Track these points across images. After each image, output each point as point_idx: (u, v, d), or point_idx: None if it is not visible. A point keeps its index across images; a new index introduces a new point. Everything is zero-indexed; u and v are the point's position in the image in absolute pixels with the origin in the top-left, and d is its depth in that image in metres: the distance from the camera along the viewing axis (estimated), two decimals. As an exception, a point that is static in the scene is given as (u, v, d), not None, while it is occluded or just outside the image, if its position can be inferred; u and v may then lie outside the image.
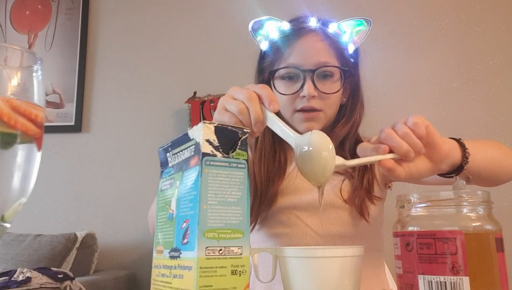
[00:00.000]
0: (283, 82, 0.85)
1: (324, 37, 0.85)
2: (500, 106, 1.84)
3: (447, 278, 0.41)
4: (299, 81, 0.83)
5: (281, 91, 0.85)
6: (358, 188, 0.84)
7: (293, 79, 0.85)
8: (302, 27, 0.87)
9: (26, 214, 2.06)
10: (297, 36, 0.86)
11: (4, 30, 2.33)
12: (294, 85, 0.84)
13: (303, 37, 0.85)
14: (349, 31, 0.89)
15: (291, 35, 0.87)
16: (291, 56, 0.84)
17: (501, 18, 1.91)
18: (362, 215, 0.83)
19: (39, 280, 1.18)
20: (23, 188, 0.36)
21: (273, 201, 0.84)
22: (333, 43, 0.86)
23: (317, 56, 0.83)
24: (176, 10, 2.20)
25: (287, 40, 0.86)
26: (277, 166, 0.87)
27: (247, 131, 0.45)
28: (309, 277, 0.50)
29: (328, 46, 0.85)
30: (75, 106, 2.18)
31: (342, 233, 0.83)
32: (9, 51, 0.37)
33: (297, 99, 0.84)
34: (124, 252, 2.00)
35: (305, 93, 0.81)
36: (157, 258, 0.47)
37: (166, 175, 0.50)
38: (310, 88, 0.81)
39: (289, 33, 0.87)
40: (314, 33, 0.86)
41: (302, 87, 0.82)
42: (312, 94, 0.81)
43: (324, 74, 0.84)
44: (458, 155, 0.62)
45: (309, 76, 0.82)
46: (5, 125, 0.34)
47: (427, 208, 0.45)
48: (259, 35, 0.91)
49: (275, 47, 0.88)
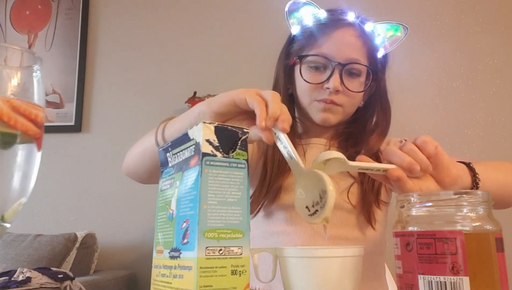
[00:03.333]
0: (309, 70, 0.84)
1: (361, 34, 0.84)
2: (500, 106, 1.84)
3: (447, 278, 0.41)
4: (326, 72, 0.82)
5: (306, 78, 0.83)
6: (368, 193, 0.83)
7: (319, 69, 0.83)
8: (341, 18, 0.84)
9: (26, 214, 2.06)
10: (334, 26, 0.83)
11: (4, 30, 2.33)
12: (321, 75, 0.82)
13: (340, 28, 0.83)
14: (383, 34, 0.88)
15: (327, 24, 0.84)
16: (324, 45, 0.82)
17: (501, 18, 1.91)
18: (370, 223, 0.83)
19: (39, 280, 1.18)
20: (23, 188, 0.36)
21: (276, 195, 0.84)
22: (367, 42, 0.84)
23: (350, 51, 0.82)
24: (176, 10, 2.20)
25: (323, 28, 0.84)
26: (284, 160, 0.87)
27: (247, 131, 0.45)
28: (309, 277, 0.50)
29: (363, 44, 0.84)
30: (75, 106, 2.18)
31: (345, 235, 0.82)
32: (9, 51, 0.37)
33: (320, 89, 0.82)
34: (124, 252, 2.00)
35: (330, 85, 0.80)
36: (157, 258, 0.47)
37: (166, 175, 0.50)
38: (336, 81, 0.80)
39: (326, 22, 0.85)
40: (352, 28, 0.84)
41: (328, 79, 0.81)
42: (337, 88, 0.80)
43: (352, 72, 0.83)
44: (468, 181, 0.61)
45: (338, 70, 0.81)
46: (5, 125, 0.34)
47: (427, 208, 0.45)
48: (293, 17, 0.88)
49: (308, 33, 0.86)
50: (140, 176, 0.83)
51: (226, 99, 0.59)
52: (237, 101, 0.58)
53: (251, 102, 0.56)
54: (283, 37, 0.93)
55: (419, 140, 0.56)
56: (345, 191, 0.84)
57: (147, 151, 0.75)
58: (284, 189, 0.84)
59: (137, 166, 0.80)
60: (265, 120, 0.55)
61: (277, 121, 0.55)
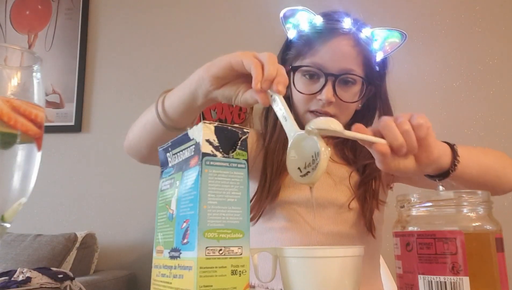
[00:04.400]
0: (303, 79, 0.83)
1: (355, 43, 0.82)
2: (500, 106, 1.84)
3: (447, 278, 0.41)
4: (319, 82, 0.81)
5: (300, 88, 0.83)
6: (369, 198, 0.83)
7: (313, 78, 0.82)
8: (336, 28, 0.83)
9: (26, 214, 2.06)
10: (329, 35, 0.82)
11: (4, 30, 2.33)
12: (314, 85, 0.82)
13: (335, 38, 0.82)
14: (381, 39, 0.87)
15: (323, 32, 0.83)
16: (318, 54, 0.81)
17: (501, 18, 1.91)
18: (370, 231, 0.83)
19: (39, 280, 1.18)
20: (23, 188, 0.36)
21: (276, 195, 0.84)
22: (362, 51, 0.83)
23: (343, 62, 0.81)
24: (176, 10, 2.20)
25: (318, 37, 0.83)
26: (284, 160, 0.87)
27: (247, 131, 0.45)
28: (309, 277, 0.50)
29: (357, 53, 0.82)
30: (75, 106, 2.18)
31: (341, 232, 0.83)
32: (9, 51, 0.37)
33: (313, 100, 0.82)
34: (124, 252, 2.00)
35: (323, 97, 0.79)
36: (157, 258, 0.47)
37: (166, 175, 0.50)
38: (329, 93, 0.79)
39: (321, 30, 0.83)
40: (347, 37, 0.82)
41: (321, 90, 0.80)
42: (330, 100, 0.80)
43: (346, 81, 0.82)
44: (446, 161, 0.61)
45: (331, 81, 0.80)
46: (5, 125, 0.34)
47: (427, 208, 0.45)
48: (289, 23, 0.88)
49: (303, 40, 0.85)
50: (140, 151, 0.80)
51: (224, 63, 0.60)
52: (234, 64, 0.58)
53: (248, 64, 0.57)
54: (283, 38, 0.93)
55: (415, 121, 0.55)
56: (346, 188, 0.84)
57: (148, 123, 0.74)
58: (284, 187, 0.84)
59: (138, 140, 0.79)
60: (260, 82, 0.55)
61: (272, 83, 0.55)
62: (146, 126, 0.74)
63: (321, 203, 0.83)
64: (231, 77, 0.61)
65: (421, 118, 0.55)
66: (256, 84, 0.55)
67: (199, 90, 0.63)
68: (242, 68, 0.58)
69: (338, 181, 0.85)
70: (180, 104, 0.67)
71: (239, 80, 0.60)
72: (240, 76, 0.60)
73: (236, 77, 0.60)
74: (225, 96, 0.62)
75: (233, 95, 0.61)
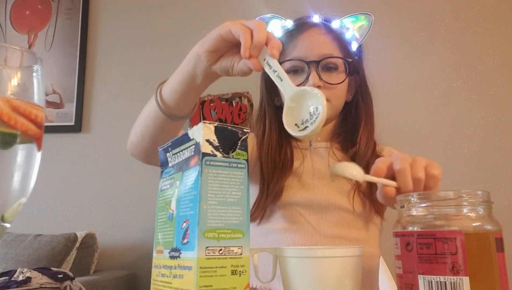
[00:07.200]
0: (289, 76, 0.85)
1: (327, 31, 0.87)
2: (500, 106, 1.84)
3: (447, 278, 0.41)
4: (304, 73, 0.84)
5: None
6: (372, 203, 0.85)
7: (298, 72, 0.85)
8: (305, 22, 0.89)
9: (26, 214, 2.06)
10: (300, 30, 0.87)
11: (4, 30, 2.33)
12: (299, 77, 0.84)
13: (306, 31, 0.87)
14: (352, 27, 0.91)
15: (294, 30, 0.88)
16: (295, 50, 0.85)
17: (501, 18, 1.91)
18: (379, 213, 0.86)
19: (39, 280, 1.18)
20: (23, 188, 0.36)
21: (278, 196, 0.84)
22: (336, 37, 0.87)
23: (320, 49, 0.84)
24: (176, 10, 2.20)
25: (291, 35, 0.88)
26: (283, 160, 0.87)
27: (247, 131, 0.45)
28: (309, 277, 0.50)
29: (332, 39, 0.86)
30: (75, 106, 2.18)
31: (344, 235, 0.82)
32: (9, 51, 0.37)
33: None
34: (124, 252, 2.00)
35: (310, 83, 0.81)
36: (157, 258, 0.47)
37: (166, 175, 0.50)
38: (315, 78, 0.82)
39: (292, 29, 0.89)
40: (317, 27, 0.87)
41: (307, 78, 0.82)
42: (317, 84, 0.81)
43: (329, 66, 0.85)
44: None
45: (314, 67, 0.83)
46: (5, 125, 0.34)
47: (427, 208, 0.45)
48: None
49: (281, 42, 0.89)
50: (144, 148, 0.79)
51: (214, 35, 0.60)
52: (223, 34, 0.59)
53: (236, 33, 0.57)
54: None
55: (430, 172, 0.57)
56: (350, 193, 0.84)
57: (149, 116, 0.74)
58: (286, 189, 0.85)
59: (141, 137, 0.78)
60: (249, 49, 0.56)
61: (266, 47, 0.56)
62: (148, 120, 0.75)
63: (324, 206, 0.83)
64: (225, 48, 0.61)
65: (436, 169, 0.57)
66: (245, 51, 0.56)
67: (197, 68, 0.64)
68: (231, 37, 0.58)
69: (342, 184, 0.85)
70: (179, 87, 0.68)
71: (233, 50, 0.61)
72: (233, 47, 0.60)
73: (229, 48, 0.61)
74: (222, 68, 0.62)
75: (229, 66, 0.61)
